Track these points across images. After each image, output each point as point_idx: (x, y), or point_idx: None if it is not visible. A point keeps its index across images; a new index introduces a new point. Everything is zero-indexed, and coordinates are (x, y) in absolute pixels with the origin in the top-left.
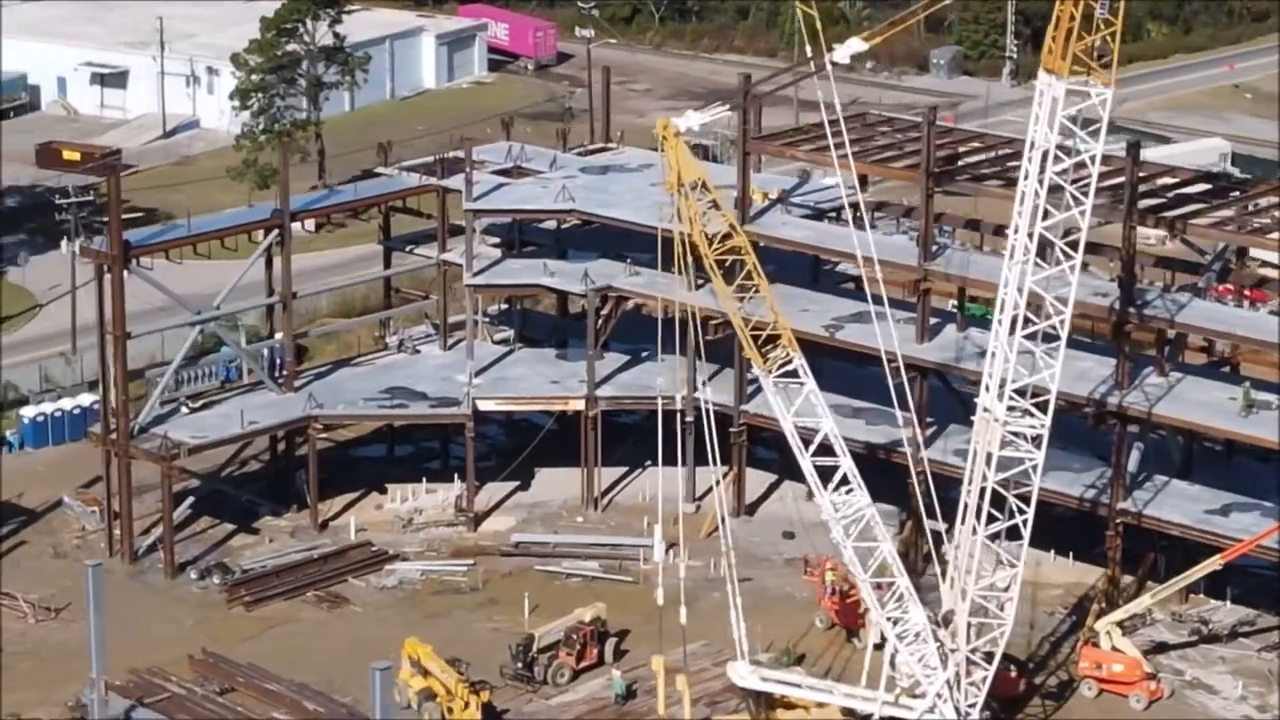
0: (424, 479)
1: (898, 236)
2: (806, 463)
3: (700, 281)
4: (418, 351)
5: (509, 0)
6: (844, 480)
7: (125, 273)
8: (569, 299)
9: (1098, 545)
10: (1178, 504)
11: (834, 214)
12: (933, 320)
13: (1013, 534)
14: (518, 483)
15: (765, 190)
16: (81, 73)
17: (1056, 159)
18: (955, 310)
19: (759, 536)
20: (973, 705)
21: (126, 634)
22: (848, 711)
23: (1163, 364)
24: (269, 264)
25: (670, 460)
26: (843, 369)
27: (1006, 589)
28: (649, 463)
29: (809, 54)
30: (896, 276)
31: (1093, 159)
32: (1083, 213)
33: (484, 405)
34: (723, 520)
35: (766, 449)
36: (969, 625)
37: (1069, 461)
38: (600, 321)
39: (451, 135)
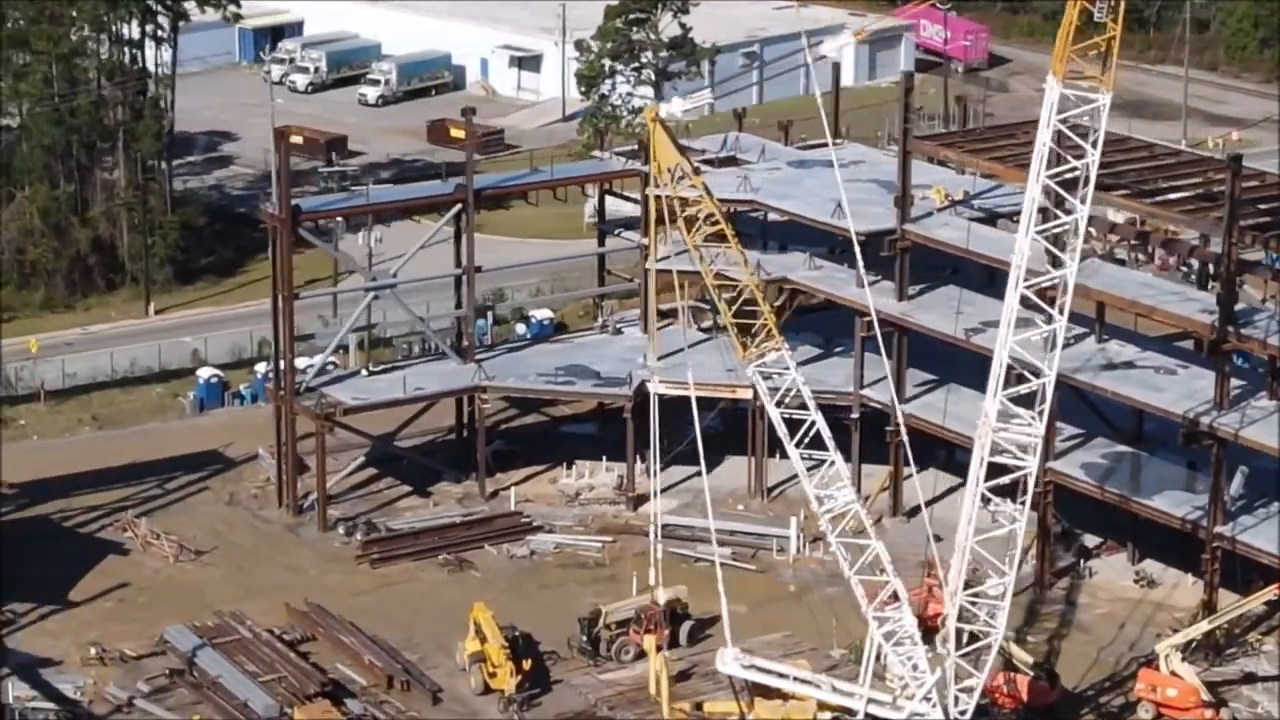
0: (604, 458)
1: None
2: (795, 455)
3: (874, 279)
4: (619, 332)
5: (954, 5)
6: (833, 475)
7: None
8: None
9: (1244, 572)
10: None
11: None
12: (1079, 330)
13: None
14: (698, 468)
15: (949, 191)
16: (500, 55)
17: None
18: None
19: (906, 538)
20: (963, 712)
21: (249, 579)
22: (846, 709)
23: (1274, 386)
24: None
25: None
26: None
27: (999, 597)
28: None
29: (805, 47)
30: None
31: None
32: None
33: (653, 388)
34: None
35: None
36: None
37: (1193, 483)
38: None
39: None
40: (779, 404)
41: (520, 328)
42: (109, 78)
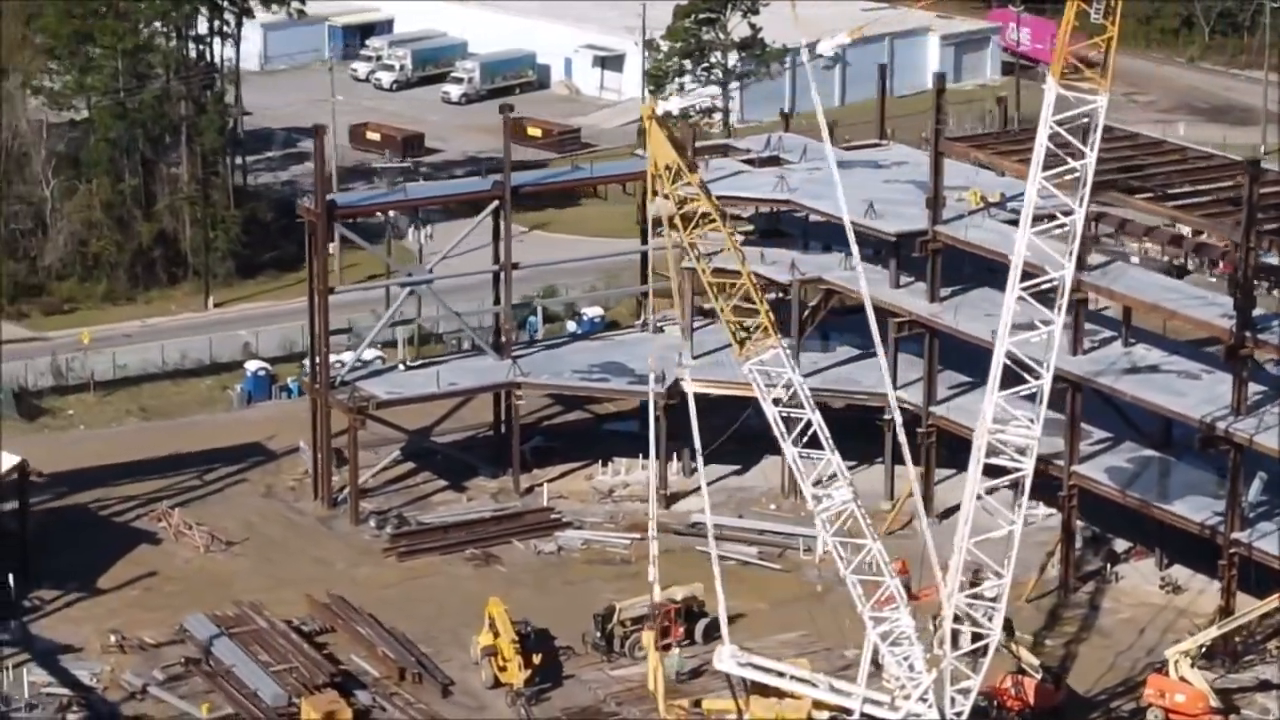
0: (640, 455)
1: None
2: (790, 453)
3: (909, 281)
4: (661, 330)
5: (1044, 9)
6: (829, 474)
7: None
8: None
9: (1260, 578)
10: None
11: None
12: (1108, 333)
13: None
14: (738, 466)
15: (985, 193)
16: (584, 55)
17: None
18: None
19: (937, 540)
20: (959, 713)
21: (277, 570)
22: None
23: None
24: None
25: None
26: None
27: (994, 599)
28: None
29: (803, 46)
30: None
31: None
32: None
33: (688, 387)
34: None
35: None
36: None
37: (1221, 488)
38: (807, 312)
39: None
40: (776, 401)
41: (571, 325)
42: (175, 73)
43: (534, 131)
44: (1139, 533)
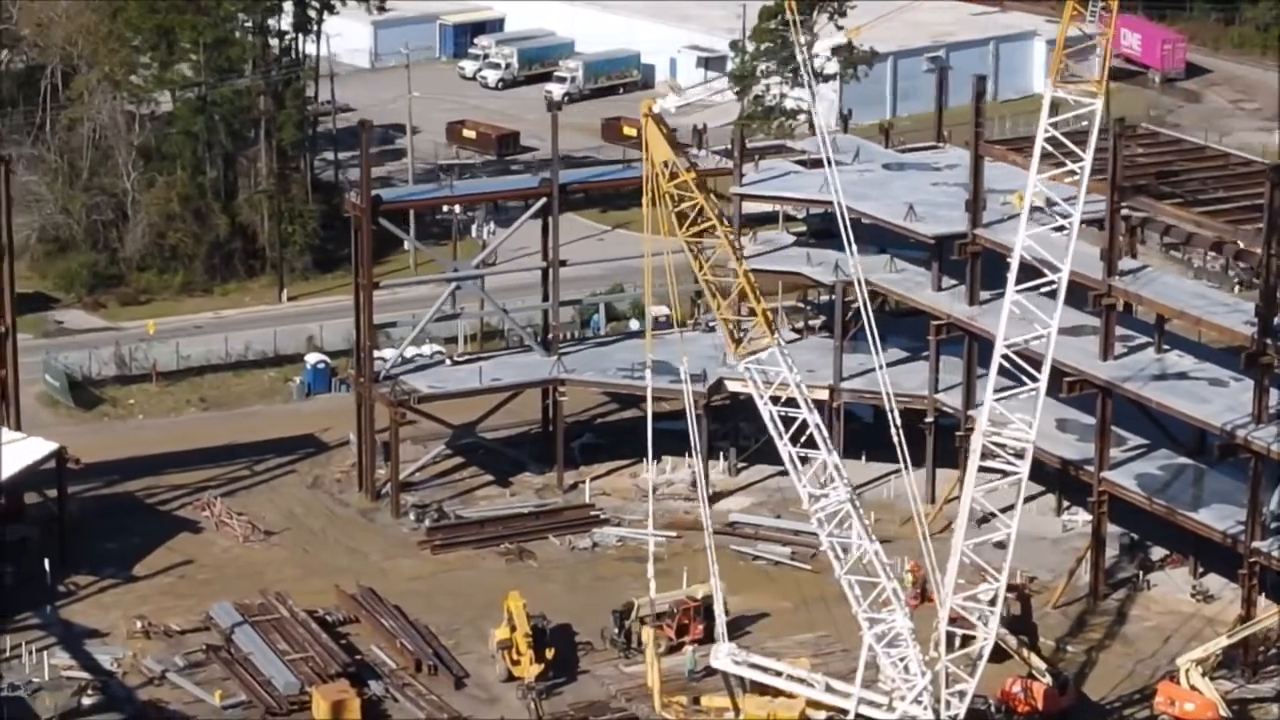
0: (686, 454)
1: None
2: (786, 451)
3: (952, 284)
4: (711, 329)
5: (1163, 14)
6: (826, 474)
7: None
8: None
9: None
10: None
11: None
12: (1143, 339)
13: None
14: (782, 467)
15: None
16: (688, 55)
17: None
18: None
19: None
20: (954, 716)
21: (311, 560)
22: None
23: None
24: None
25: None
26: None
27: (989, 602)
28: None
29: (800, 45)
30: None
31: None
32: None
33: (731, 386)
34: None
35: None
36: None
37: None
38: (850, 314)
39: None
40: (775, 400)
41: (634, 323)
42: (256, 67)
43: (629, 131)
44: (1176, 540)
